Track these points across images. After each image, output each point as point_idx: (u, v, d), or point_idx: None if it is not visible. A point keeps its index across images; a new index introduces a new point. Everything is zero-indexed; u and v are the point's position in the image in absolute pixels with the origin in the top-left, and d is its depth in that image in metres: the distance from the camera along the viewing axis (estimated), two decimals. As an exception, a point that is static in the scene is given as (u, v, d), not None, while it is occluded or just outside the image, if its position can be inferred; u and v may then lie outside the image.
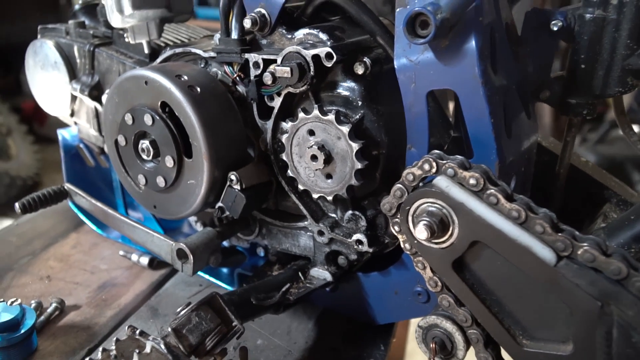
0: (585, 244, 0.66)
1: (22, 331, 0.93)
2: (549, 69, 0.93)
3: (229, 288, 1.13)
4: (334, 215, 0.96)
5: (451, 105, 1.06)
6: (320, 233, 0.96)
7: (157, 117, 0.93)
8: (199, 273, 1.16)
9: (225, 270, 1.16)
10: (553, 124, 3.23)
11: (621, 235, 0.80)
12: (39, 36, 1.30)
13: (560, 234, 0.67)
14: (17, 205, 1.19)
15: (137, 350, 0.76)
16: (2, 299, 1.00)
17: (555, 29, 0.87)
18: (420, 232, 0.73)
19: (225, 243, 1.12)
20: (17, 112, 4.42)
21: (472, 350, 0.81)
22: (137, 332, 0.78)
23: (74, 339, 1.00)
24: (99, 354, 0.76)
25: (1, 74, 4.57)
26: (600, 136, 3.55)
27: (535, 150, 0.96)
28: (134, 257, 1.22)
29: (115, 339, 0.77)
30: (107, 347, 0.77)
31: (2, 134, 4.11)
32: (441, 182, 0.73)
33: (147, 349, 0.76)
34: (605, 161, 3.41)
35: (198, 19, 4.20)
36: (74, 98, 1.26)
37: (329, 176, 0.89)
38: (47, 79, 1.28)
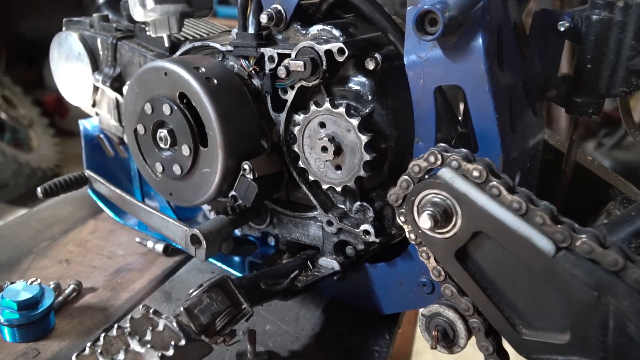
0: (583, 236, 0.68)
1: (40, 310, 0.98)
2: (556, 68, 0.95)
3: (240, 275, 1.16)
4: (342, 206, 0.99)
5: (462, 104, 1.08)
6: (329, 223, 0.99)
7: (175, 107, 0.96)
8: (212, 260, 1.20)
9: (237, 258, 1.20)
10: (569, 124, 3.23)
11: (622, 231, 0.82)
12: (64, 28, 1.34)
13: (559, 226, 0.69)
14: (39, 189, 1.23)
15: (151, 328, 0.79)
16: (22, 279, 1.05)
17: (562, 29, 0.89)
18: (424, 222, 0.76)
19: (237, 232, 1.15)
20: (39, 105, 4.51)
21: (473, 339, 0.83)
22: (151, 311, 0.81)
23: (90, 319, 1.04)
24: (114, 330, 0.79)
25: (25, 67, 4.67)
26: (616, 141, 3.53)
27: (542, 147, 0.98)
28: (150, 244, 1.27)
29: (129, 317, 0.81)
30: (122, 324, 0.80)
31: (24, 126, 4.20)
32: (445, 173, 0.76)
33: (160, 327, 0.79)
34: (621, 166, 3.39)
35: (218, 17, 4.25)
36: (95, 89, 1.30)
37: (338, 167, 0.92)
38: (70, 70, 1.32)
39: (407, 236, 0.83)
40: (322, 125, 0.91)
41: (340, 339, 1.01)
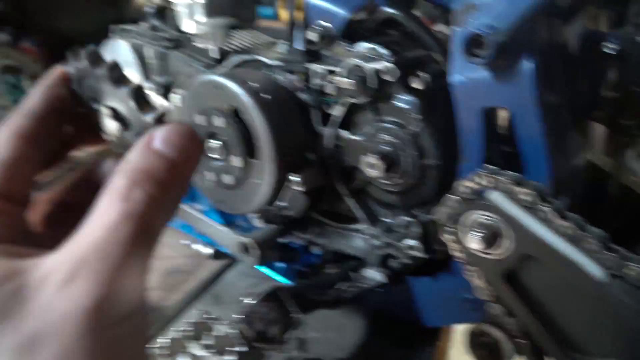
0: (635, 264, 0.69)
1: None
2: (601, 89, 0.95)
3: (284, 281, 1.19)
4: (387, 220, 1.01)
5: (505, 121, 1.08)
6: (374, 236, 1.01)
7: (227, 120, 0.99)
8: (256, 266, 1.23)
9: (280, 264, 1.23)
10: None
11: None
12: (111, 35, 1.37)
13: (611, 253, 0.70)
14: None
15: (210, 332, 0.83)
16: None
17: (607, 50, 0.89)
18: (472, 243, 0.78)
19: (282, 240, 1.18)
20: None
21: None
22: (210, 315, 0.85)
23: (144, 321, 1.08)
24: (172, 333, 0.83)
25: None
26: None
27: (587, 168, 0.98)
28: (198, 247, 1.30)
29: (187, 320, 0.85)
30: (180, 327, 0.84)
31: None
32: (495, 196, 0.77)
33: (221, 332, 0.83)
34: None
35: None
36: (146, 97, 1.33)
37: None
38: (122, 78, 1.36)
39: (453, 255, 0.84)
40: (370, 142, 0.93)
41: (383, 350, 1.03)
